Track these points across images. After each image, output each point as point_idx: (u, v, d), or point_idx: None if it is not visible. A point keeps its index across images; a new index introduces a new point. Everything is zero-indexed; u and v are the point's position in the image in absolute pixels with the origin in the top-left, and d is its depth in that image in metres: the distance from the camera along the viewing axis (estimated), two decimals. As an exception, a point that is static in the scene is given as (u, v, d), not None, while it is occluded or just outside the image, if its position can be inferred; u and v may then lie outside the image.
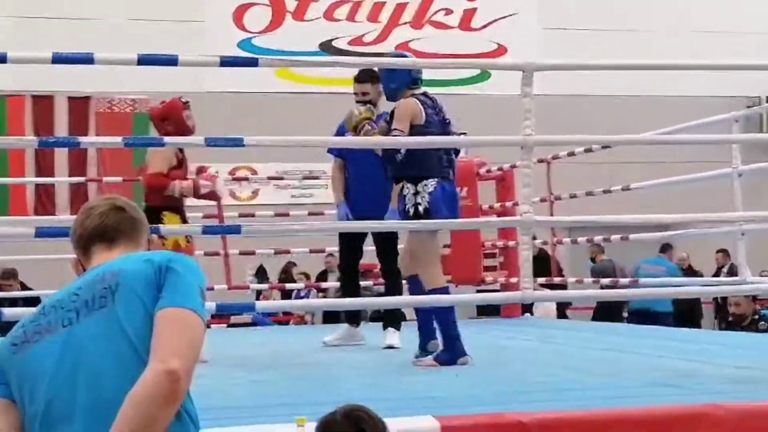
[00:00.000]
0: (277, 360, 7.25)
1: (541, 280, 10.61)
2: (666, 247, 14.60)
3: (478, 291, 11.19)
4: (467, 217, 10.33)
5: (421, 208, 6.40)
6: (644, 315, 13.29)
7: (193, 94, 17.87)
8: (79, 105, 17.94)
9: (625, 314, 14.72)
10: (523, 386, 5.45)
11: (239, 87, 18.05)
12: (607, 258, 15.84)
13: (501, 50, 20.09)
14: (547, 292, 9.96)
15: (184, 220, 7.09)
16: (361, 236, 8.22)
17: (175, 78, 17.39)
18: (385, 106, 7.39)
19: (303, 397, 5.18)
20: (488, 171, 11.58)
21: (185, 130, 7.05)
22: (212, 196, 7.62)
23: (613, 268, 15.03)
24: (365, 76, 7.89)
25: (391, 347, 7.77)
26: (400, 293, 7.79)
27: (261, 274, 16.91)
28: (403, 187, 6.54)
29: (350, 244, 8.27)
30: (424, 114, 6.68)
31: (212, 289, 11.22)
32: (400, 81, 6.79)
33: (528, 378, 5.84)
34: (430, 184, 6.50)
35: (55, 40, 16.58)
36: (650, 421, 4.23)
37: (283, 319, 15.83)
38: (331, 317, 13.30)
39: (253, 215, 12.03)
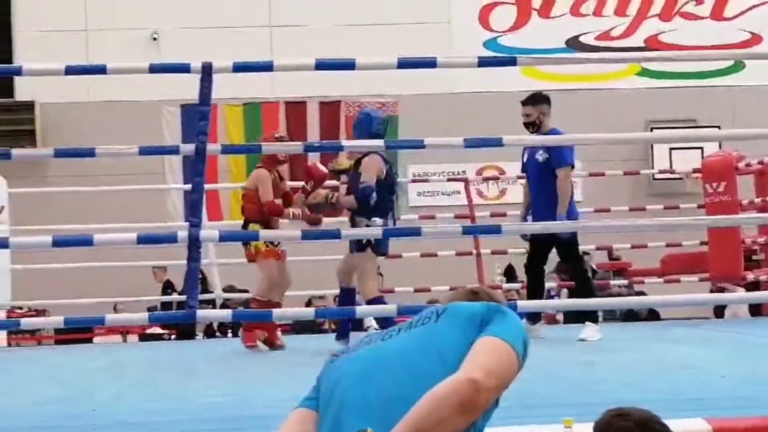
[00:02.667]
0: (531, 360, 7.18)
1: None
2: None
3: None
4: (726, 213, 10.03)
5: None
6: None
7: (444, 95, 18.32)
8: (330, 110, 18.36)
9: None
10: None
11: (487, 87, 18.09)
12: None
13: (755, 39, 19.36)
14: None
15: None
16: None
17: (422, 80, 17.68)
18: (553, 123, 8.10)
19: (564, 398, 5.13)
20: (747, 165, 11.18)
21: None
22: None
23: None
24: (526, 99, 8.76)
25: (583, 340, 8.14)
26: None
27: (509, 274, 16.87)
28: (356, 221, 7.91)
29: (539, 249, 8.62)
30: (384, 170, 7.97)
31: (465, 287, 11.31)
32: (365, 135, 7.89)
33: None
34: (380, 221, 7.78)
35: (300, 47, 17.09)
36: None
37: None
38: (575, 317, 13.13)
39: (504, 215, 12.00)
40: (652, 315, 13.49)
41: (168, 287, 15.17)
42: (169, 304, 14.08)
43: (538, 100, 8.66)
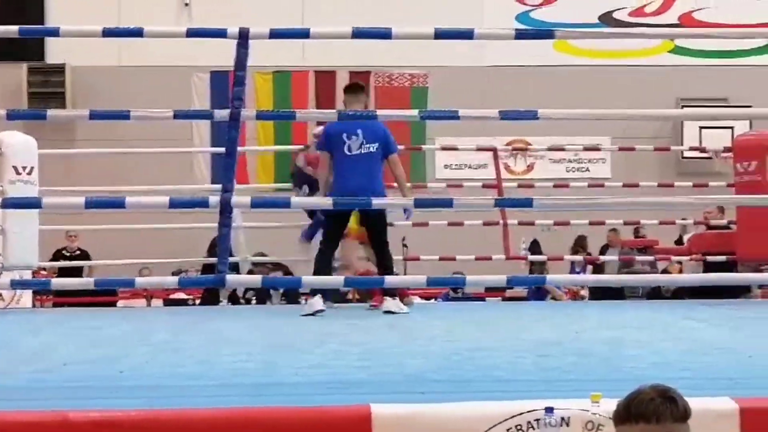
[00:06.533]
0: (559, 335, 7.19)
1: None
2: None
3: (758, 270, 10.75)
4: (756, 193, 9.97)
5: None
6: None
7: (473, 68, 18.27)
8: (359, 79, 18.31)
9: None
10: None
11: (519, 61, 18.03)
12: None
13: (790, 18, 19.20)
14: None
15: None
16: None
17: (452, 53, 17.64)
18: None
19: (592, 374, 5.14)
20: (779, 145, 11.09)
21: None
22: None
23: None
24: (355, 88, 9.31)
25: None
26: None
27: (534, 247, 16.86)
28: None
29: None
30: None
31: (490, 259, 11.30)
32: None
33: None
34: None
35: (331, 16, 17.05)
36: None
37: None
38: (601, 293, 13.12)
39: (531, 186, 11.97)
40: (677, 294, 13.44)
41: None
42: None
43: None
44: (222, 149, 5.82)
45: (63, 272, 14.02)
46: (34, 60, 18.62)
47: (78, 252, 15.24)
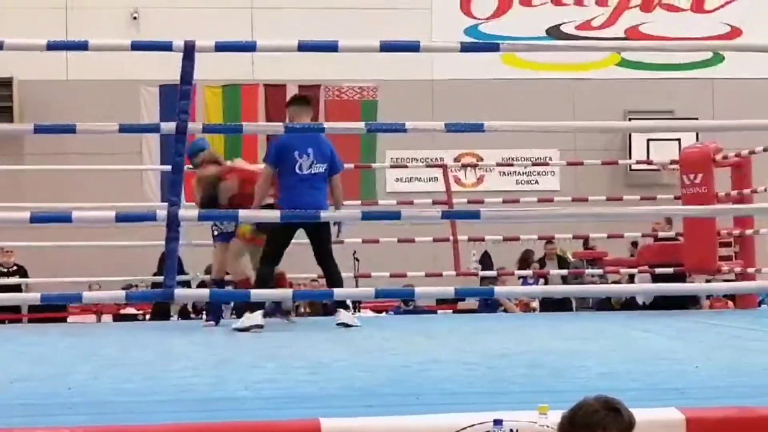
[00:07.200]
0: (510, 347, 7.21)
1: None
2: None
3: (708, 281, 10.87)
4: (701, 204, 10.08)
5: None
6: None
7: (421, 81, 18.34)
8: (309, 93, 18.32)
9: None
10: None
11: (466, 74, 18.12)
12: None
13: (735, 32, 19.44)
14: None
15: None
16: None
17: (402, 66, 17.70)
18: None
19: (541, 385, 5.16)
20: (724, 157, 11.22)
21: None
22: None
23: None
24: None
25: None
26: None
27: (485, 260, 16.93)
28: None
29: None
30: None
31: (440, 275, 11.33)
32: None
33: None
34: None
35: (280, 30, 17.04)
36: None
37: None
38: (552, 305, 13.21)
39: (481, 202, 12.02)
40: (626, 306, 13.55)
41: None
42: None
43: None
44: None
45: (1, 288, 13.78)
46: (-19, 74, 18.44)
47: (15, 267, 15.07)
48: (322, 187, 8.76)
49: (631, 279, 12.25)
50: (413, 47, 5.30)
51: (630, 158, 17.71)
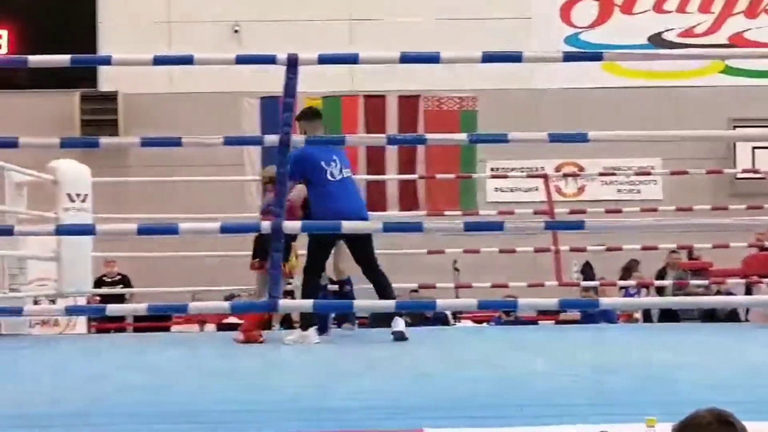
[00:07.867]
0: (614, 358, 7.13)
1: None
2: None
3: None
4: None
5: None
6: None
7: (523, 91, 18.25)
8: (409, 104, 18.33)
9: None
10: None
11: (567, 83, 17.99)
12: None
13: (844, 37, 19.02)
14: None
15: None
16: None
17: (502, 75, 17.64)
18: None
19: (648, 396, 5.09)
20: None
21: None
22: None
23: None
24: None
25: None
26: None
27: (587, 269, 16.76)
28: None
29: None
30: None
31: (543, 285, 11.24)
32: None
33: None
34: None
35: (379, 41, 17.12)
36: None
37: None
38: (668, 316, 13.00)
39: (583, 212, 11.90)
40: (731, 317, 13.31)
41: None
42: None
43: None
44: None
45: (106, 298, 14.06)
46: (87, 88, 18.85)
47: (119, 277, 15.36)
48: (356, 190, 8.83)
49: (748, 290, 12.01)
50: (515, 57, 5.28)
51: (735, 167, 17.39)
